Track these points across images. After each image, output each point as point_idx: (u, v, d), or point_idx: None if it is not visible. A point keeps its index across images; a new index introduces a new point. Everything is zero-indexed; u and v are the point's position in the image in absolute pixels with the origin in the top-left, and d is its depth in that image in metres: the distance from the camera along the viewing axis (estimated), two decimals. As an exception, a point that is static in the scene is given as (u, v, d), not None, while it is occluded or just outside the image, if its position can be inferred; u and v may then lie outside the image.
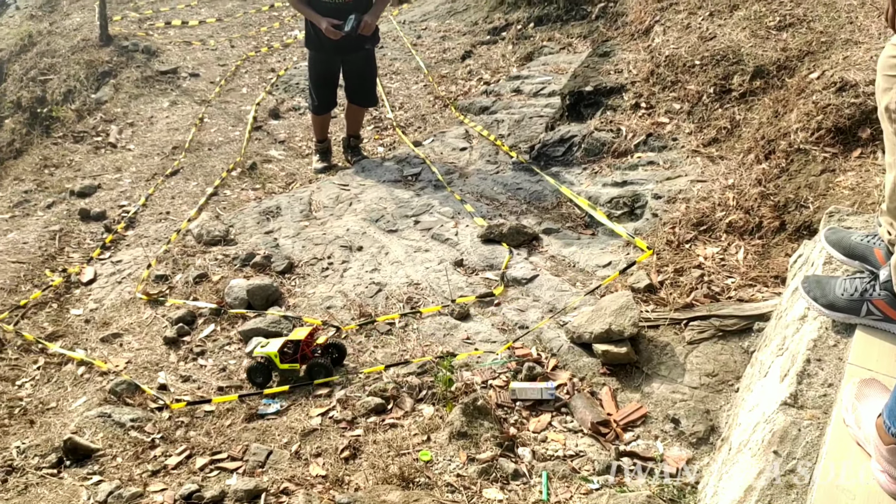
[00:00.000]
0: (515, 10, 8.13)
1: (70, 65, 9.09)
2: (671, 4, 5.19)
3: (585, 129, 4.88)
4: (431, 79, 7.60)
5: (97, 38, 9.30)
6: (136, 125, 7.57)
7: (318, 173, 6.06)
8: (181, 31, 10.07)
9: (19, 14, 12.46)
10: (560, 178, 4.79)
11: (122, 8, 10.74)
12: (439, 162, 5.67)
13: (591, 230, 4.29)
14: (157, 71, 8.65)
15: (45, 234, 5.30)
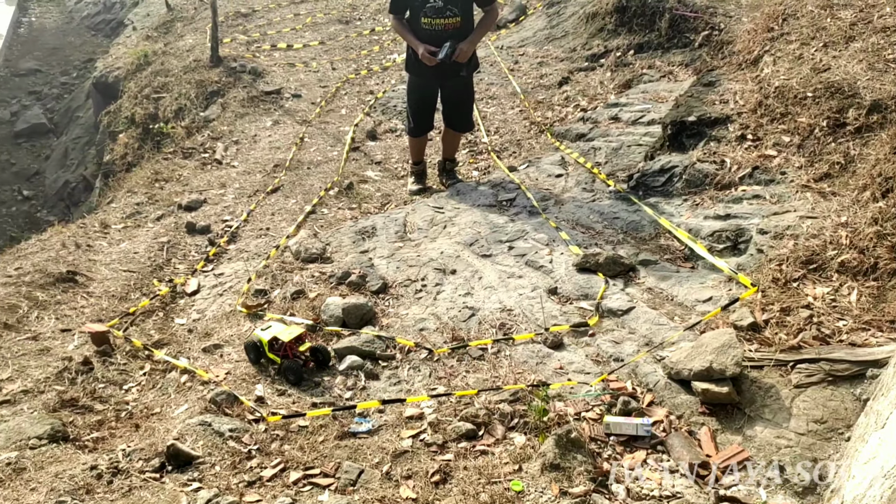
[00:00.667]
0: (615, 36, 8.06)
1: (182, 84, 9.54)
2: (782, 35, 5.04)
3: (687, 160, 4.78)
4: (528, 104, 7.61)
5: (208, 59, 9.75)
6: (240, 143, 7.87)
7: (412, 195, 6.14)
8: (286, 54, 10.43)
9: (136, 35, 13.22)
10: (659, 209, 4.70)
11: (232, 31, 11.23)
12: (534, 188, 5.66)
13: (690, 263, 4.18)
14: (261, 91, 8.99)
15: (154, 245, 5.55)
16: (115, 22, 16.16)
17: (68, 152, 12.50)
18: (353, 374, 3.71)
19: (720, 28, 6.87)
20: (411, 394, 3.51)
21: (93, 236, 5.75)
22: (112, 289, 4.87)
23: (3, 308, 4.44)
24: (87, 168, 11.47)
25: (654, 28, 7.60)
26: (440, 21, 5.20)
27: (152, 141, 9.07)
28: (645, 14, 7.72)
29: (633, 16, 7.87)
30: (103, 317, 4.50)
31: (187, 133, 8.51)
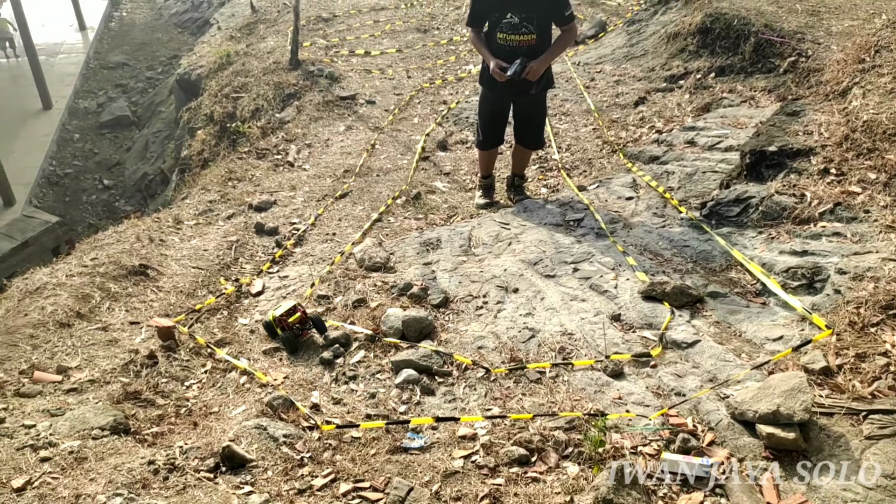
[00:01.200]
0: (696, 58, 7.90)
1: (260, 85, 9.77)
2: (874, 67, 4.85)
3: (765, 191, 4.64)
4: (601, 123, 7.52)
5: (287, 61, 9.97)
6: (312, 146, 8.00)
7: (479, 209, 6.14)
8: (363, 60, 10.58)
9: (220, 34, 13.60)
10: (731, 240, 4.58)
11: (313, 35, 11.45)
12: (603, 209, 5.58)
13: (762, 299, 4.05)
14: (337, 96, 9.13)
15: (223, 243, 5.68)
16: (202, 20, 16.67)
17: (148, 145, 12.94)
18: (408, 388, 3.71)
19: (808, 55, 6.66)
20: (466, 413, 3.49)
21: (166, 231, 5.92)
22: (181, 284, 5.00)
23: (78, 297, 4.61)
24: (165, 162, 11.85)
25: (737, 51, 7.42)
26: (515, 37, 5.18)
27: (228, 139, 9.30)
28: (729, 37, 7.54)
29: (716, 38, 7.70)
30: (170, 312, 4.63)
31: (262, 133, 8.70)
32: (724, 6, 7.79)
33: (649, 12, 9.75)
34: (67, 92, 14.37)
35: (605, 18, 10.96)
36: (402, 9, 12.82)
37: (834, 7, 7.41)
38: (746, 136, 5.80)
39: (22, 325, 4.26)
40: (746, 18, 7.44)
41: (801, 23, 7.18)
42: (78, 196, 12.00)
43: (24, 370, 3.88)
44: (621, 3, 11.62)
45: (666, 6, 9.59)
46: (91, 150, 13.32)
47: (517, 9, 5.09)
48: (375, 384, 3.78)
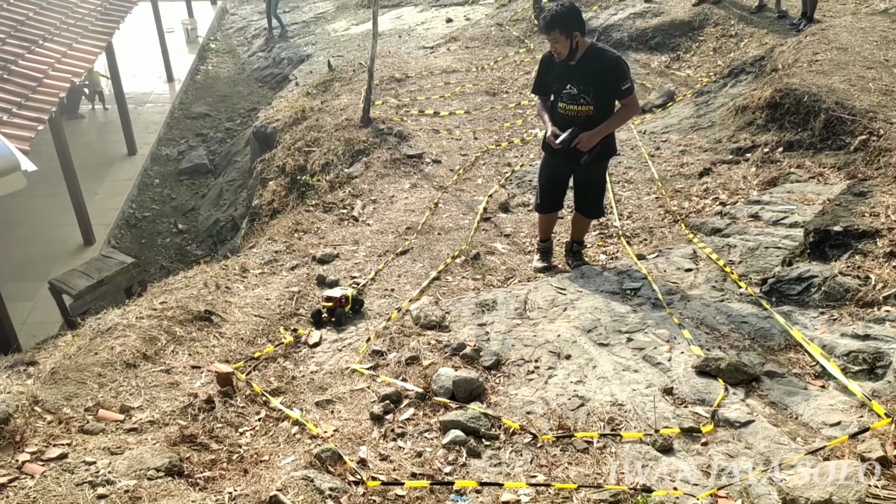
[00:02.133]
0: (764, 132, 7.87)
1: (331, 140, 10.11)
2: (945, 150, 4.78)
3: (828, 271, 4.57)
4: (664, 192, 7.52)
5: (359, 119, 10.30)
6: (377, 202, 8.21)
7: (537, 272, 6.18)
8: (431, 120, 10.85)
9: (297, 90, 14.16)
10: (791, 319, 4.50)
11: (385, 94, 11.82)
12: (661, 280, 5.56)
13: (821, 382, 3.96)
14: (404, 154, 9.37)
15: (285, 293, 5.86)
16: (281, 76, 17.38)
17: (223, 193, 13.44)
18: (455, 449, 3.74)
19: (879, 134, 6.58)
20: (510, 478, 3.49)
21: (232, 279, 6.14)
22: (242, 332, 5.17)
23: (145, 339, 4.81)
24: (236, 209, 12.27)
25: (807, 127, 7.37)
26: (573, 107, 5.30)
27: (298, 191, 9.61)
28: (799, 112, 7.51)
29: (785, 112, 7.68)
30: (230, 358, 4.78)
31: (330, 187, 8.97)
32: (794, 82, 7.78)
33: (718, 84, 9.79)
34: (152, 139, 15.11)
35: (674, 88, 11.02)
36: (473, 72, 13.15)
37: (909, 87, 7.33)
38: (812, 213, 5.74)
39: (91, 363, 4.47)
40: (817, 95, 7.41)
41: (873, 102, 7.11)
42: (153, 238, 12.50)
43: (90, 407, 4.05)
44: (691, 74, 11.68)
45: (735, 79, 9.63)
46: (169, 195, 13.91)
47: (576, 80, 5.22)
48: (423, 443, 3.81)
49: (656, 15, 13.57)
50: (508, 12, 16.10)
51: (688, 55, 12.49)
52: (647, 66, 12.54)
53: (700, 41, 12.60)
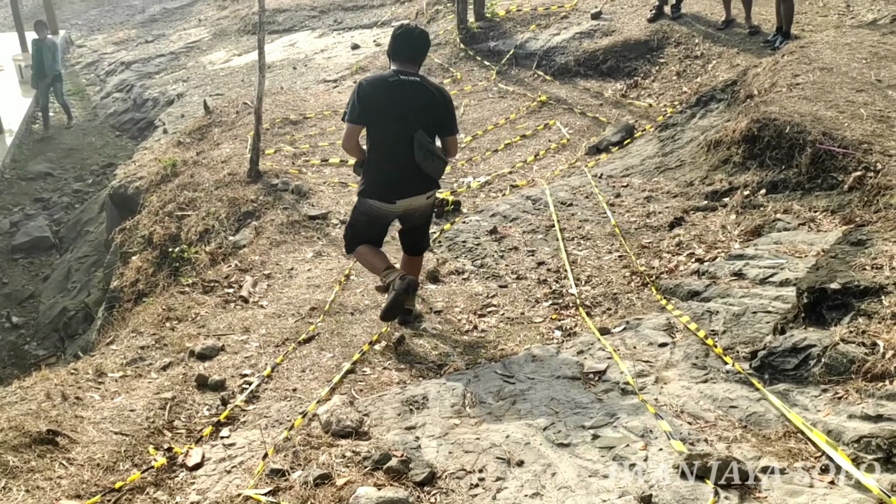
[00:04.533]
0: (743, 171, 8.19)
1: (212, 201, 10.07)
2: (951, 187, 5.06)
3: (828, 339, 4.73)
4: (629, 249, 7.71)
5: (245, 172, 10.31)
6: (273, 277, 8.17)
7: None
8: (338, 170, 10.94)
9: (166, 139, 14.12)
10: (789, 400, 4.62)
11: (278, 140, 11.89)
12: (631, 358, 5.65)
13: (829, 476, 4.06)
14: (304, 215, 9.39)
15: (155, 401, 5.71)
16: (145, 122, 17.33)
17: (71, 273, 13.15)
18: None
19: (876, 169, 6.92)
20: None
21: (84, 386, 5.96)
22: (98, 455, 5.00)
23: (-35, 473, 4.60)
24: (90, 294, 12.00)
25: (791, 164, 7.70)
26: None
27: (170, 267, 9.49)
28: (781, 146, 7.86)
29: (765, 147, 8.02)
30: (83, 492, 4.60)
31: (211, 261, 8.88)
32: (773, 111, 8.15)
33: (685, 115, 10.20)
34: (-27, 209, 14.79)
35: (633, 122, 11.42)
36: (388, 109, 13.37)
37: (905, 112, 7.76)
38: (805, 268, 5.96)
39: None
40: (801, 125, 7.78)
41: (867, 131, 7.50)
42: (-23, 337, 12.10)
43: None
44: (652, 103, 12.13)
45: (705, 108, 10.05)
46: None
47: None
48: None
49: (606, 34, 14.14)
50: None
51: (647, 81, 13.00)
52: (600, 95, 12.99)
53: (660, 64, 13.15)
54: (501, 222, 8.75)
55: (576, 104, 12.67)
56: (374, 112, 6.10)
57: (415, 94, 6.10)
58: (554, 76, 13.82)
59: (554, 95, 13.05)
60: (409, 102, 6.07)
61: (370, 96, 6.06)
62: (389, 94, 6.06)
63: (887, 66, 8.85)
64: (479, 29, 15.40)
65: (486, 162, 11.15)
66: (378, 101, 6.06)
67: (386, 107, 6.07)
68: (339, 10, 20.90)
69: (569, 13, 15.30)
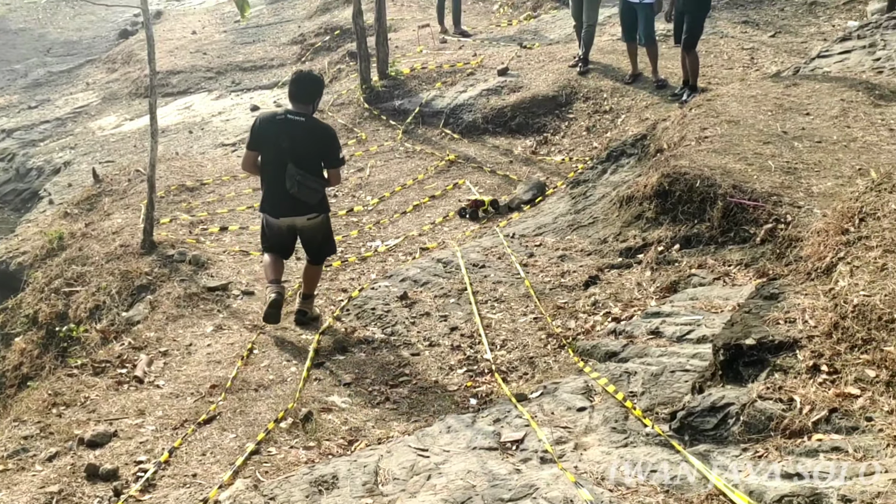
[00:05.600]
0: (656, 227, 8.40)
1: (102, 275, 9.86)
2: (860, 238, 5.27)
3: (746, 396, 4.83)
4: (544, 310, 7.80)
5: (139, 244, 10.13)
6: (170, 354, 8.00)
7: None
8: (238, 238, 10.84)
9: (52, 210, 13.82)
10: (710, 461, 4.69)
11: (173, 209, 11.75)
12: (549, 425, 5.68)
13: (754, 539, 4.12)
14: (203, 287, 9.25)
15: (40, 496, 5.51)
16: (28, 193, 16.92)
17: (-53, 358, 12.66)
18: None
19: (787, 221, 7.18)
20: None
21: (-41, 484, 5.72)
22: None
23: None
24: (-32, 380, 11.57)
25: (704, 218, 7.94)
26: None
27: (57, 348, 9.22)
28: (692, 200, 8.10)
29: (677, 202, 8.25)
30: None
31: (103, 339, 8.67)
32: (683, 164, 8.41)
33: (596, 171, 10.44)
34: None
35: (544, 179, 11.65)
36: (290, 172, 13.35)
37: (812, 163, 8.10)
38: (721, 324, 6.10)
39: None
40: (711, 179, 8.03)
41: (775, 182, 7.79)
42: None
43: None
44: (563, 160, 12.40)
45: (616, 164, 10.31)
46: None
47: None
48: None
49: (514, 90, 14.45)
50: (330, 95, 16.62)
51: (557, 137, 13.31)
52: (510, 152, 13.23)
53: (570, 119, 13.50)
54: (412, 287, 8.76)
55: (485, 162, 12.85)
56: (261, 142, 7.68)
57: (296, 130, 7.54)
58: (462, 134, 14.01)
59: (462, 154, 13.21)
60: (289, 137, 7.50)
61: (259, 129, 7.69)
62: (274, 129, 7.58)
63: (792, 118, 9.24)
64: (384, 88, 15.56)
65: (394, 224, 11.19)
66: (265, 134, 7.64)
67: (269, 139, 7.60)
68: (237, 71, 20.91)
69: (475, 70, 15.60)
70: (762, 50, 14.88)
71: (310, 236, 8.13)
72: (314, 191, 7.67)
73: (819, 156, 8.29)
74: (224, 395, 6.97)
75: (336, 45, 20.45)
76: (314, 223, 7.99)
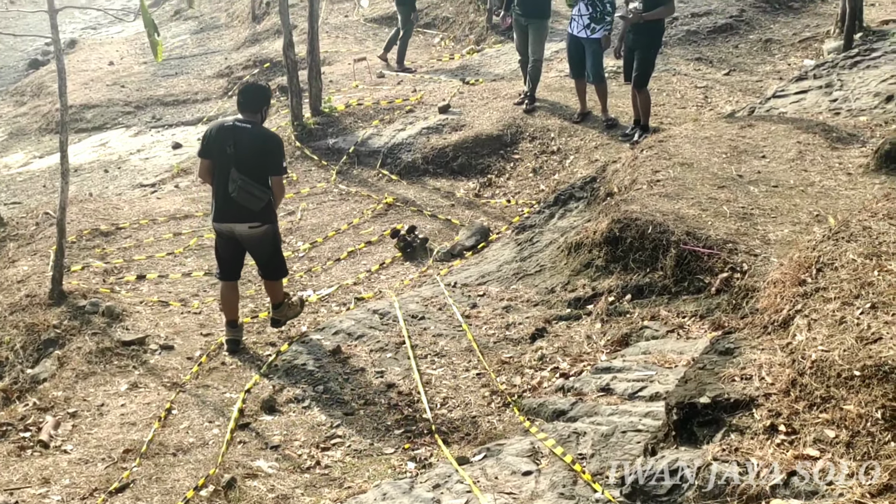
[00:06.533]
0: (606, 275, 8.48)
1: (5, 328, 9.64)
2: (817, 290, 5.36)
3: (700, 459, 4.86)
4: (488, 365, 7.80)
5: (46, 294, 9.92)
6: (79, 416, 7.84)
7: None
8: (157, 287, 10.70)
9: (-49, 259, 13.49)
10: (665, 530, 4.71)
11: (86, 255, 11.56)
12: (492, 490, 5.67)
13: None
14: (118, 341, 9.09)
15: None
16: (-77, 238, 16.56)
17: None
18: None
19: (742, 269, 7.30)
20: None
21: None
22: None
23: None
24: None
25: (656, 266, 8.03)
26: None
27: (-49, 412, 8.98)
28: (644, 248, 8.19)
29: (628, 249, 8.34)
30: None
31: (4, 399, 8.46)
32: (634, 209, 8.52)
33: (543, 216, 10.53)
34: None
35: (488, 223, 11.70)
36: (215, 215, 13.25)
37: (769, 209, 8.26)
38: (675, 379, 6.16)
39: None
40: (663, 225, 8.14)
41: (730, 229, 7.92)
42: None
43: None
44: (507, 203, 12.49)
45: (564, 208, 10.42)
46: None
47: None
48: None
49: (456, 129, 14.56)
50: (259, 132, 16.58)
51: (502, 179, 13.42)
52: (452, 195, 13.29)
53: (515, 160, 13.63)
54: (346, 340, 8.72)
55: (426, 205, 12.89)
56: (210, 149, 8.39)
57: (241, 137, 8.22)
58: (400, 175, 14.05)
59: (401, 196, 13.24)
60: (235, 144, 8.15)
61: (210, 136, 8.44)
62: (221, 136, 8.29)
63: (747, 161, 9.43)
64: (317, 125, 15.54)
65: (327, 272, 11.14)
66: (213, 140, 8.34)
67: (217, 146, 8.28)
68: (158, 106, 20.78)
69: (414, 107, 15.70)
70: (716, 88, 15.22)
71: (254, 247, 8.65)
72: (256, 198, 8.20)
73: (776, 201, 8.46)
74: (139, 461, 6.84)
75: (266, 79, 20.43)
76: (256, 233, 8.47)
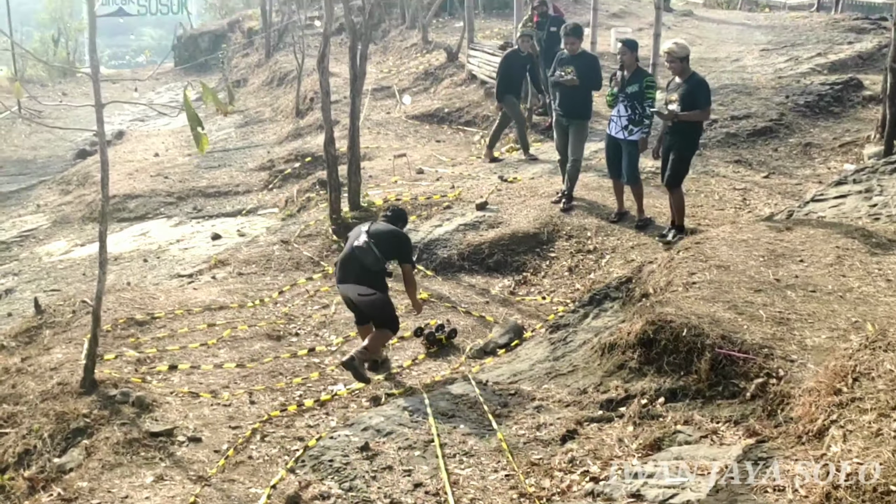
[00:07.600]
0: (639, 377, 8.38)
1: (36, 416, 9.67)
2: (853, 400, 5.27)
3: (731, 573, 4.74)
4: (517, 467, 7.69)
5: (78, 382, 9.97)
6: (103, 509, 7.80)
7: None
8: (188, 378, 10.71)
9: (-11, 342, 13.61)
10: None
11: (120, 344, 11.64)
12: None
13: None
14: (146, 432, 9.08)
15: None
16: (-38, 324, 16.78)
17: None
18: None
19: (778, 375, 7.18)
20: None
21: None
22: None
23: None
24: None
25: (691, 370, 7.94)
26: None
27: (-22, 497, 8.96)
28: (679, 350, 8.11)
29: (662, 352, 8.26)
30: None
31: (30, 489, 8.45)
32: (669, 312, 8.46)
33: (577, 315, 10.47)
34: None
35: (522, 322, 11.66)
36: (249, 308, 13.30)
37: (806, 314, 8.16)
38: (708, 489, 6.03)
39: None
40: (699, 328, 8.07)
41: (766, 334, 7.83)
42: None
43: None
44: (542, 301, 12.45)
45: (599, 308, 10.36)
46: None
47: None
48: None
49: (493, 226, 14.62)
50: (297, 225, 16.76)
51: (537, 277, 13.40)
52: (486, 292, 13.28)
53: (551, 258, 13.62)
54: (374, 437, 8.63)
55: (460, 302, 12.88)
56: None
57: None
58: (436, 271, 14.09)
59: (436, 292, 13.26)
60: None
61: None
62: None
63: (785, 265, 9.36)
64: (354, 220, 15.63)
65: (359, 367, 11.11)
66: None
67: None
68: (200, 197, 21.11)
69: (452, 203, 15.81)
70: (755, 191, 15.21)
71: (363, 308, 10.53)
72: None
73: (813, 306, 8.37)
74: (159, 557, 6.76)
75: (306, 173, 20.74)
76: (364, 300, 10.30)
